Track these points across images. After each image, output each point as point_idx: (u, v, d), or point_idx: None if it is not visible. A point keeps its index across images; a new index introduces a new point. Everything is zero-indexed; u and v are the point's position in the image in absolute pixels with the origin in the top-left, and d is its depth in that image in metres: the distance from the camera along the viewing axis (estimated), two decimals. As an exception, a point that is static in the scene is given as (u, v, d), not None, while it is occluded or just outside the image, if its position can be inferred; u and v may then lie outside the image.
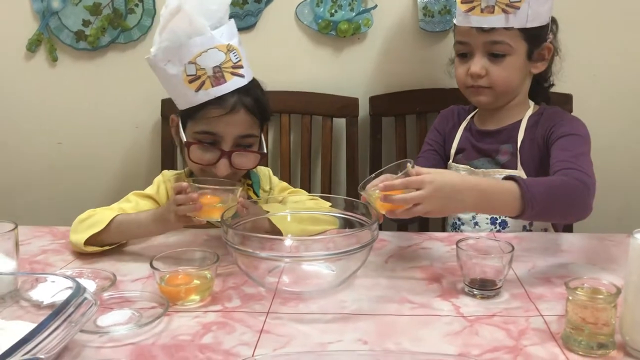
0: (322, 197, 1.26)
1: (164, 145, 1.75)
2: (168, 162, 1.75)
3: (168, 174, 1.36)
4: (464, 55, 1.36)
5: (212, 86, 1.19)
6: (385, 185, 0.98)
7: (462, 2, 1.31)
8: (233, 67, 1.20)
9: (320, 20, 1.71)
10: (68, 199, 1.84)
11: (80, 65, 1.78)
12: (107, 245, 1.15)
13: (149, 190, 1.31)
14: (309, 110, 1.73)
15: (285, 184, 1.44)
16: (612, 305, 0.79)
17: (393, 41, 1.73)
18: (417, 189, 0.97)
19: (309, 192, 1.64)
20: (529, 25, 1.29)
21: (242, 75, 1.22)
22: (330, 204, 1.20)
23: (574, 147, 1.25)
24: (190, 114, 1.24)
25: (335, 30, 1.71)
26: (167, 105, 1.73)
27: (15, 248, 1.01)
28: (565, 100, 1.64)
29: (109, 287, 1.00)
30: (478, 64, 1.32)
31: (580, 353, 0.80)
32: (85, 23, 1.73)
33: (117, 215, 1.15)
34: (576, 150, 1.24)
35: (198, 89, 1.19)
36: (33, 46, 1.76)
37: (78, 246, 1.14)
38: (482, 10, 1.28)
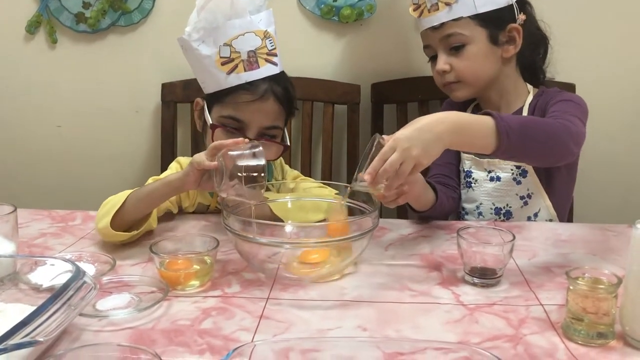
0: (326, 185, 1.26)
1: (164, 129, 1.74)
2: (168, 146, 1.74)
3: (184, 160, 1.35)
4: (433, 58, 1.37)
5: (245, 70, 1.19)
6: (368, 174, 0.95)
7: (413, 10, 1.36)
8: (268, 54, 1.20)
9: (322, 6, 1.69)
10: (67, 182, 1.84)
11: (80, 47, 1.76)
12: (132, 224, 1.10)
13: (165, 175, 1.29)
14: (310, 97, 1.72)
15: (296, 172, 1.44)
16: (612, 295, 0.79)
17: (396, 28, 1.71)
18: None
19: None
20: (480, 10, 1.29)
21: (275, 64, 1.22)
22: (337, 191, 1.19)
23: (562, 109, 1.23)
24: (218, 98, 1.23)
25: (338, 15, 1.70)
26: (168, 90, 1.72)
27: (14, 231, 1.01)
28: (568, 90, 1.63)
29: (109, 271, 1.00)
30: (441, 60, 1.33)
31: (580, 342, 0.80)
32: (86, 5, 1.71)
33: (133, 190, 1.12)
34: (564, 110, 1.22)
35: (230, 72, 1.19)
36: (32, 28, 1.74)
37: (107, 232, 1.07)
38: (428, 11, 1.32)
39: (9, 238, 1.00)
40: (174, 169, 1.31)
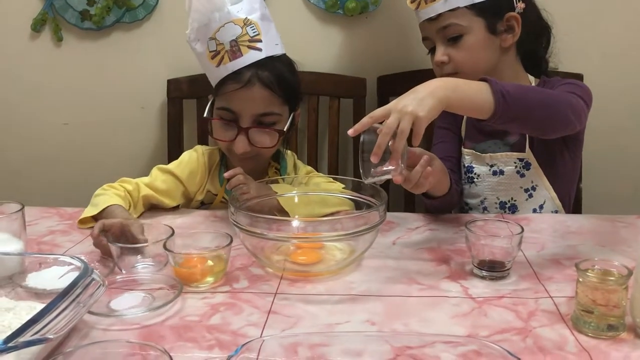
0: (335, 179, 1.26)
1: (170, 126, 1.74)
2: (174, 142, 1.74)
3: (202, 148, 1.37)
4: (432, 50, 1.35)
5: (230, 60, 1.22)
6: (374, 154, 0.94)
7: (410, 2, 1.35)
8: (250, 41, 1.22)
9: (327, -1, 1.68)
10: (74, 180, 1.84)
11: (85, 45, 1.76)
12: None
13: (172, 164, 1.33)
14: (316, 91, 1.72)
15: (309, 167, 1.46)
16: (623, 287, 0.79)
17: (401, 20, 1.70)
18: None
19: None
20: (477, 0, 1.27)
21: (259, 49, 1.23)
22: (344, 185, 1.19)
23: (563, 89, 1.22)
24: (216, 91, 1.28)
25: (343, 8, 1.69)
26: (173, 86, 1.72)
27: (22, 229, 1.01)
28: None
29: (114, 267, 1.00)
30: (439, 52, 1.31)
31: (590, 335, 0.80)
32: (90, 2, 1.71)
33: (112, 205, 1.16)
34: (565, 90, 1.21)
35: (218, 64, 1.23)
36: (38, 26, 1.75)
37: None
38: (425, 2, 1.31)
39: (17, 236, 1.00)
40: (182, 157, 1.34)
